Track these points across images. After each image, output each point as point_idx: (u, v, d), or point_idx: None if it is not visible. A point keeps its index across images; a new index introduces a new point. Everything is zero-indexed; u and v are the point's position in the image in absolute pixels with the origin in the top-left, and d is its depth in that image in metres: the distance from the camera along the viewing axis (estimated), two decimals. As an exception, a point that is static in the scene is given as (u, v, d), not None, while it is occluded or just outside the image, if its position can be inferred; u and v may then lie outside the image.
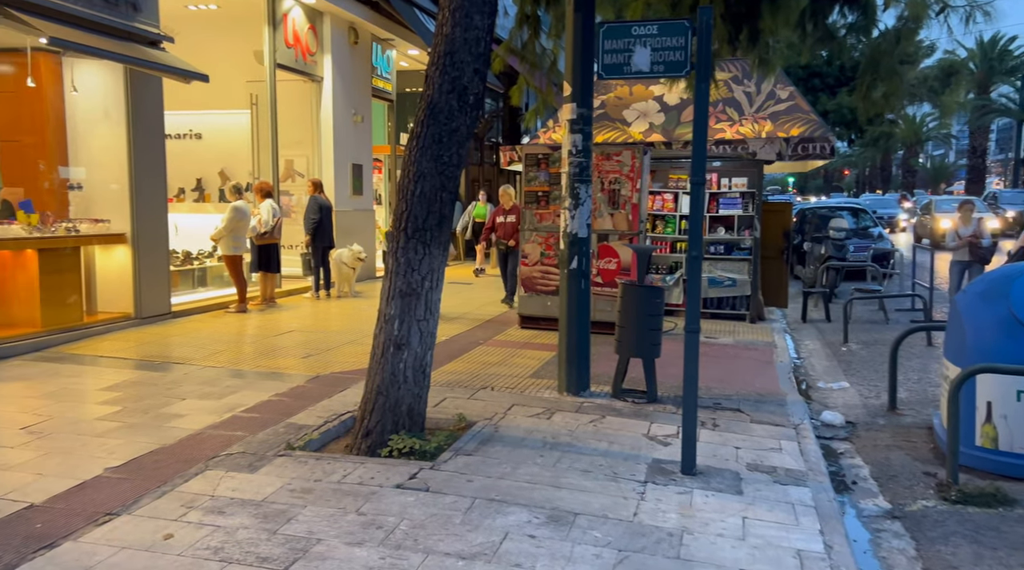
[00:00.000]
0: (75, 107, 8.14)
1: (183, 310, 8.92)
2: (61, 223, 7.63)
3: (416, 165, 4.66)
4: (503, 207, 10.50)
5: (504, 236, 10.34)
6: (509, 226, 10.27)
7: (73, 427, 4.90)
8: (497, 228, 10.50)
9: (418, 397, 4.77)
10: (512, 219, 10.21)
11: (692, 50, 4.29)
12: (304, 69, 11.49)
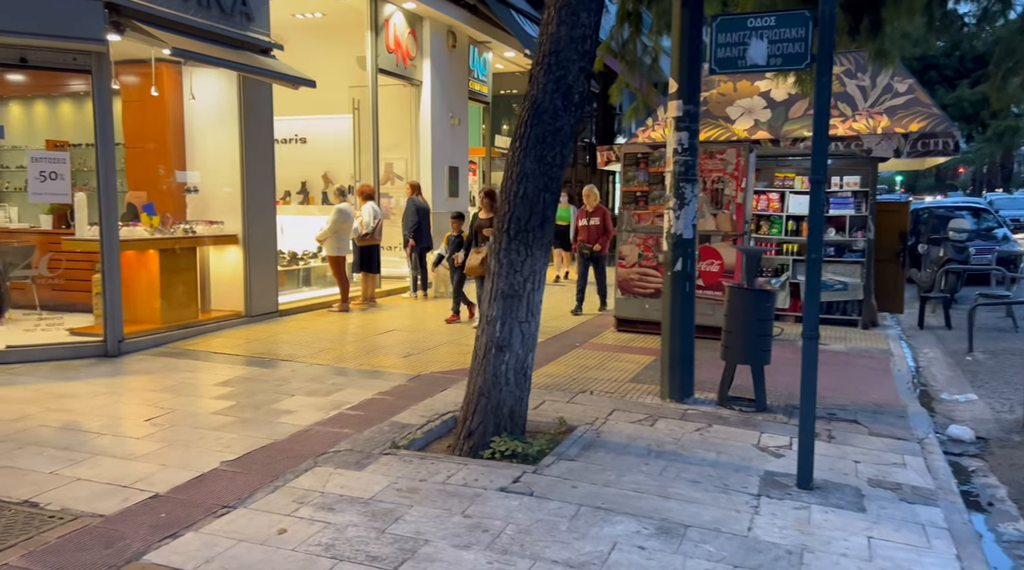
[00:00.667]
0: (193, 114, 8.57)
1: (289, 309, 9.24)
2: (179, 225, 8.04)
3: (519, 165, 4.62)
4: (586, 209, 9.76)
5: (587, 240, 9.62)
6: (593, 230, 9.61)
7: (191, 420, 5.12)
8: (579, 231, 9.80)
9: (520, 399, 4.73)
10: (596, 222, 9.60)
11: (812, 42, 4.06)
12: (404, 73, 11.72)
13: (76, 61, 6.55)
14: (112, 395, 5.72)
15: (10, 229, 8.90)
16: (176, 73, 8.45)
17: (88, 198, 7.47)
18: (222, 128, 8.46)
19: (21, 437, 4.72)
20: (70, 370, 6.41)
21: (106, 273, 6.87)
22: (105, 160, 6.78)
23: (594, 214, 9.66)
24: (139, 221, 7.78)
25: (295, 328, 8.47)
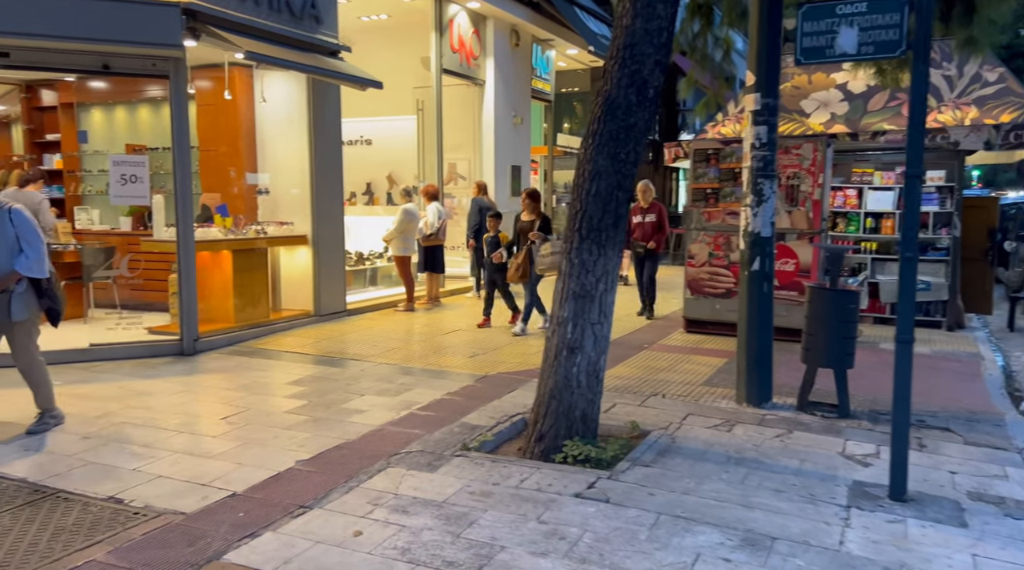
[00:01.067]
0: (263, 117, 8.73)
1: (356, 308, 9.33)
2: (251, 226, 8.20)
3: (591, 163, 4.51)
4: (640, 205, 9.24)
5: (642, 238, 9.18)
6: (648, 227, 9.18)
7: (265, 419, 5.18)
8: (634, 229, 9.26)
9: (591, 403, 4.62)
10: (652, 219, 9.18)
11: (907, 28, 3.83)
12: (467, 73, 11.71)
13: (155, 66, 6.73)
14: (189, 393, 5.85)
15: (93, 231, 9.24)
16: (248, 77, 8.62)
17: (165, 200, 7.67)
18: (292, 130, 8.59)
19: (105, 434, 4.85)
20: (149, 368, 6.59)
21: (182, 274, 7.04)
22: (181, 163, 6.95)
23: (649, 210, 9.25)
24: (213, 222, 7.96)
25: (362, 327, 8.54)
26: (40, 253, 4.76)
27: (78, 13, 6.19)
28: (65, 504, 3.78)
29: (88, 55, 6.51)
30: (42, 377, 5.01)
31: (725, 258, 8.15)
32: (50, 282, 4.92)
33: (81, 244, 8.29)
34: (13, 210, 4.70)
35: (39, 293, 4.87)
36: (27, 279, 4.78)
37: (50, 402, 5.03)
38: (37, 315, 4.97)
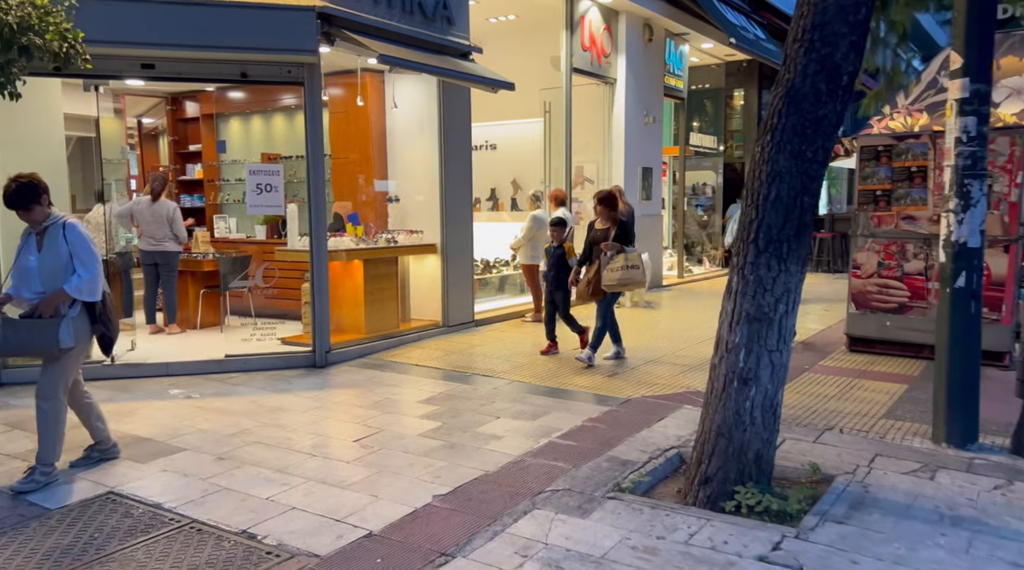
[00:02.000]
0: (394, 123, 8.56)
1: (483, 319, 9.00)
2: (382, 234, 8.03)
3: (770, 164, 3.88)
4: None
5: None
6: None
7: (399, 442, 4.87)
8: None
9: (767, 443, 3.99)
10: None
11: None
12: (598, 72, 11.19)
13: (290, 74, 6.63)
14: (321, 410, 5.64)
15: (229, 239, 9.41)
16: (379, 82, 8.48)
17: (298, 209, 7.61)
18: (421, 136, 8.37)
19: (239, 454, 4.67)
20: (282, 381, 6.48)
21: (315, 284, 6.91)
22: (315, 171, 6.82)
23: None
24: (345, 231, 7.84)
25: (491, 339, 8.18)
26: (94, 273, 4.22)
27: (217, 23, 6.16)
28: (199, 537, 3.56)
29: (227, 64, 6.48)
30: (55, 419, 4.24)
31: (898, 269, 7.20)
32: (104, 305, 4.35)
33: (219, 253, 8.40)
34: (67, 225, 4.24)
35: (92, 318, 4.30)
36: (81, 303, 4.24)
37: (51, 454, 4.23)
38: (86, 346, 4.38)
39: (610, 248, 6.81)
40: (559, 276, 7.43)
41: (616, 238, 6.89)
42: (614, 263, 6.74)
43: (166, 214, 7.87)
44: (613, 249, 6.80)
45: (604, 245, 6.87)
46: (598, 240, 6.97)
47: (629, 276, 6.73)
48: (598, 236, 7.00)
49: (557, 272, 7.44)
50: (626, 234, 6.97)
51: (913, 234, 7.12)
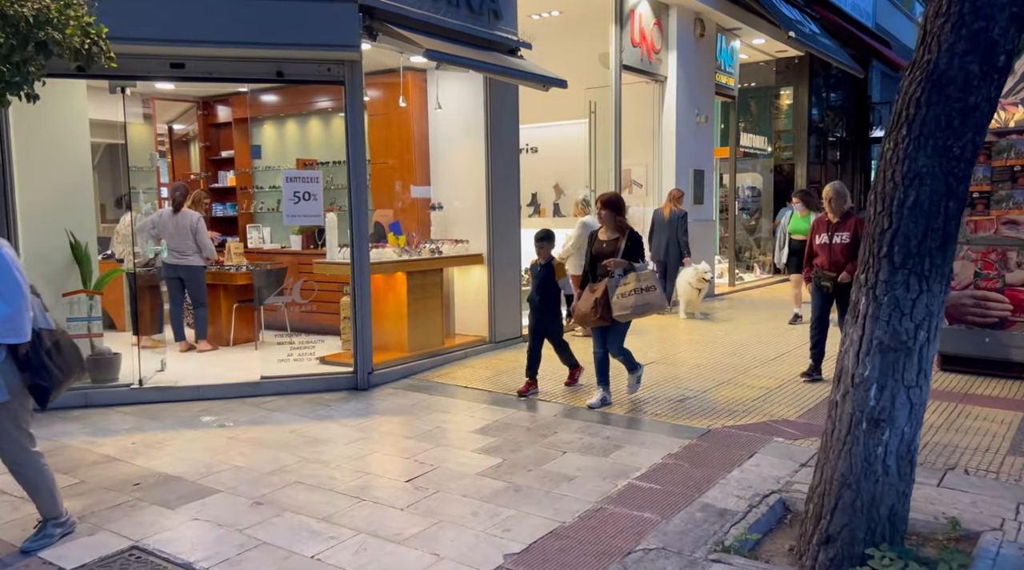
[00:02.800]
0: (437, 125, 8.03)
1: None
2: (425, 244, 7.49)
3: (907, 162, 3.24)
4: (827, 219, 6.40)
5: (830, 265, 6.29)
6: (838, 250, 6.25)
7: (456, 483, 4.29)
8: (816, 252, 6.44)
9: (903, 496, 3.34)
10: (845, 239, 6.22)
11: None
12: (648, 69, 10.56)
13: (330, 72, 6.12)
14: (366, 442, 5.09)
15: (264, 250, 8.94)
16: (421, 82, 7.95)
17: (338, 218, 7.10)
18: (467, 139, 7.83)
19: (279, 498, 4.14)
20: (321, 406, 5.95)
21: (357, 301, 6.38)
22: (357, 178, 6.30)
23: (841, 227, 6.28)
24: (386, 241, 7.32)
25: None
26: (18, 308, 3.30)
27: (252, 17, 5.67)
28: (234, 610, 3.02)
29: (261, 62, 5.99)
30: (38, 476, 3.58)
31: (998, 279, 6.48)
32: (37, 348, 3.41)
33: (253, 265, 7.92)
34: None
35: (20, 364, 3.40)
36: (5, 346, 3.36)
37: (54, 508, 3.63)
38: (20, 396, 3.46)
39: (616, 266, 5.56)
40: (545, 300, 6.23)
41: (627, 252, 5.63)
42: (624, 285, 5.50)
43: (189, 225, 7.40)
44: (620, 267, 5.57)
45: (609, 262, 5.59)
46: (604, 254, 5.70)
47: (645, 301, 5.49)
48: (604, 249, 5.72)
49: (543, 295, 6.22)
50: (638, 248, 5.70)
51: (1016, 241, 6.40)
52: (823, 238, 6.38)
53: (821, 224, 6.45)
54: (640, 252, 5.72)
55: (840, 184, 6.47)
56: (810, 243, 6.53)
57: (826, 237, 6.34)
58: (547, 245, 6.30)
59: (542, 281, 6.23)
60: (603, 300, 5.60)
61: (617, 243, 5.68)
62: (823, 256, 6.35)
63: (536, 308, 6.30)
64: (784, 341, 8.28)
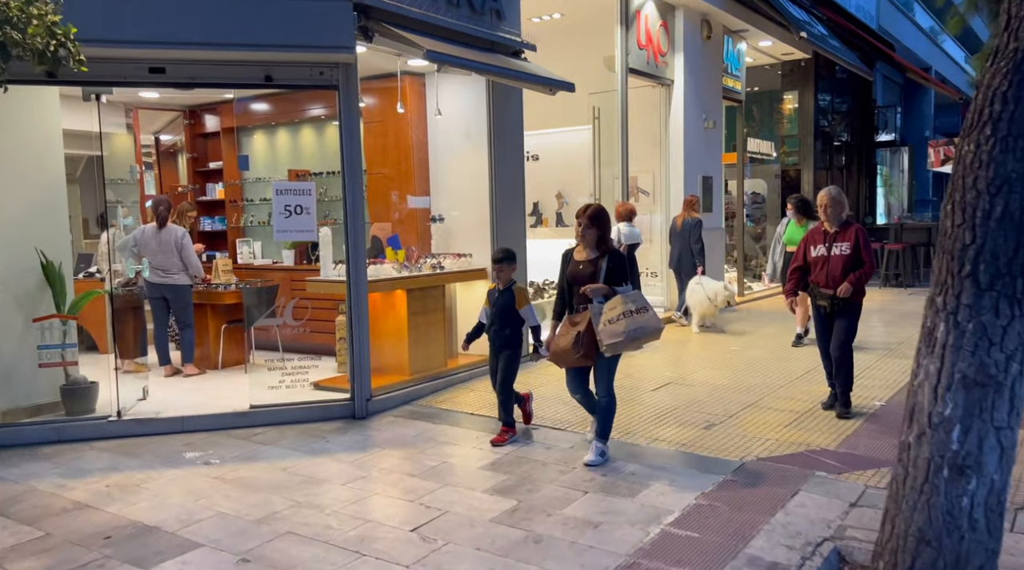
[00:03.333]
0: (436, 132, 7.59)
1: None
2: (426, 259, 7.03)
3: (991, 167, 2.81)
4: (825, 228, 5.65)
5: (828, 282, 5.52)
6: (837, 262, 5.48)
7: (468, 533, 3.82)
8: (812, 265, 5.67)
9: (992, 554, 2.89)
10: (845, 250, 5.48)
11: None
12: (655, 72, 10.15)
13: (323, 76, 5.67)
14: (366, 481, 4.61)
15: (254, 265, 8.48)
16: (419, 86, 7.51)
17: (333, 233, 6.64)
18: (468, 146, 7.38)
19: (268, 553, 3.65)
20: (316, 438, 5.47)
21: (354, 322, 5.91)
22: (352, 190, 5.85)
23: (841, 237, 5.55)
24: (384, 257, 6.85)
25: (551, 378, 7.12)
26: None
27: (237, 16, 5.22)
28: None
29: (248, 66, 5.54)
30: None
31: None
32: None
33: (243, 283, 7.44)
34: None
35: None
36: None
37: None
38: None
39: (595, 292, 4.57)
40: (504, 330, 5.27)
41: (608, 275, 4.60)
42: (610, 310, 4.52)
43: (174, 241, 6.92)
44: (600, 293, 4.58)
45: (586, 288, 4.59)
46: (581, 278, 4.67)
47: (638, 325, 4.47)
48: (581, 273, 4.68)
49: (501, 326, 5.28)
50: (620, 269, 4.64)
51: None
52: (819, 250, 5.60)
53: (817, 234, 5.69)
54: (624, 274, 4.63)
55: (837, 190, 5.72)
56: (800, 255, 5.76)
57: (823, 249, 5.57)
58: (507, 268, 5.27)
59: (501, 310, 5.25)
60: (587, 334, 4.56)
61: (597, 264, 4.64)
62: (819, 271, 5.57)
63: (501, 343, 5.25)
64: (806, 357, 7.83)
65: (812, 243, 5.70)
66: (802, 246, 5.81)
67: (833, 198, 5.63)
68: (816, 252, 5.65)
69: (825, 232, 5.66)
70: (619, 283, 4.60)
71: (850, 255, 5.49)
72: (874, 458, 4.76)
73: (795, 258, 5.85)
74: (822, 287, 5.57)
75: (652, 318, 4.56)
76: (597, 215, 4.71)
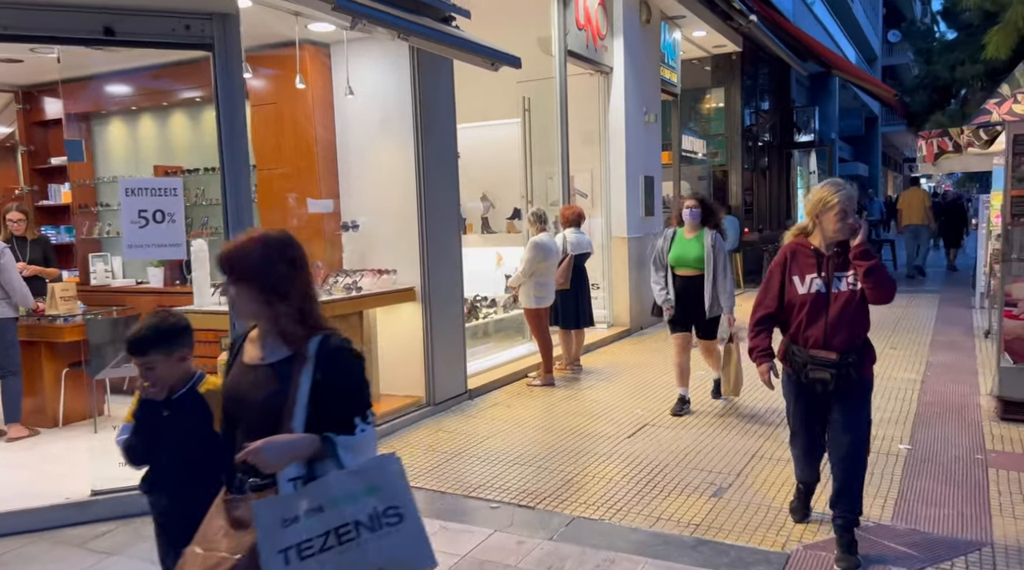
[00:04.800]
0: (348, 117, 6.06)
1: (477, 386, 6.55)
2: (337, 278, 5.51)
3: None
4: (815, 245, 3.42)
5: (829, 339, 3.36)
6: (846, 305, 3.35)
7: None
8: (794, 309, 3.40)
9: None
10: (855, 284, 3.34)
11: None
12: (594, 57, 8.96)
13: (189, 31, 4.09)
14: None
15: (112, 288, 6.68)
16: (324, 59, 5.98)
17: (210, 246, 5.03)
18: (387, 135, 5.91)
19: None
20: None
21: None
22: (235, 189, 4.28)
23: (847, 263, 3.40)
24: (281, 276, 5.27)
25: (501, 423, 5.74)
26: None
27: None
28: None
29: (80, 13, 3.90)
30: None
31: (1077, 306, 5.15)
32: None
33: (91, 313, 5.67)
34: None
35: None
36: None
37: None
38: None
39: (267, 458, 1.88)
40: (183, 484, 2.39)
41: (317, 408, 1.95)
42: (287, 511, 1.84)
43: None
44: (283, 462, 1.91)
45: (248, 452, 1.85)
46: (247, 407, 2.05)
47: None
48: (246, 395, 2.04)
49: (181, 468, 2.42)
50: (347, 391, 2.00)
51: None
52: (811, 284, 3.36)
53: (802, 255, 3.42)
54: (354, 400, 2.00)
55: (846, 184, 3.40)
56: (772, 293, 3.48)
57: (818, 282, 3.35)
58: (163, 360, 2.43)
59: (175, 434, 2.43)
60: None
61: (283, 373, 1.99)
62: (809, 321, 3.35)
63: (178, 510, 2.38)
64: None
65: (794, 270, 3.42)
66: (774, 277, 3.48)
67: (849, 197, 3.30)
68: (804, 287, 3.37)
69: (817, 252, 3.39)
70: (342, 424, 1.96)
71: (860, 290, 3.33)
72: (950, 538, 3.63)
73: (761, 296, 3.53)
74: (817, 348, 3.33)
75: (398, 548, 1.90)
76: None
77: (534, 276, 6.79)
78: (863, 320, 3.37)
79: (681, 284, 5.72)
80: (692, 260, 5.68)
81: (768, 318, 3.49)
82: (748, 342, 3.54)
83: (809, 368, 3.33)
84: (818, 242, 3.40)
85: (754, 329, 3.52)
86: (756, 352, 3.51)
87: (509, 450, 5.05)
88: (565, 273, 7.02)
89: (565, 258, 7.14)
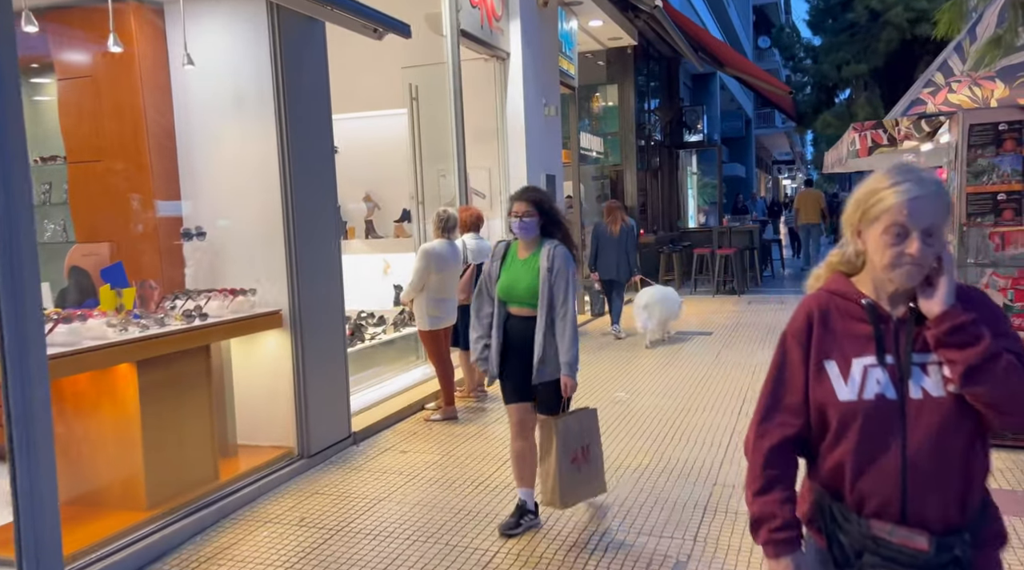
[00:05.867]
0: (188, 97, 4.76)
1: (362, 427, 5.40)
2: (175, 300, 4.22)
3: None
4: (880, 307, 1.57)
5: (912, 500, 1.50)
6: (943, 429, 1.48)
7: None
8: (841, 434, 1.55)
9: None
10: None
11: None
12: (489, 40, 7.99)
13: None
14: None
15: None
16: (155, 21, 4.66)
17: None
18: (240, 121, 4.66)
19: None
20: None
21: (20, 436, 3.00)
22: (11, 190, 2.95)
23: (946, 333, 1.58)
24: (96, 303, 3.97)
25: (388, 477, 4.64)
26: None
27: None
28: None
29: None
30: None
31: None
32: None
33: None
34: None
35: None
36: None
37: None
38: None
39: None
40: None
41: None
42: None
43: None
44: None
45: None
46: None
47: None
48: None
49: None
50: None
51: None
52: (864, 380, 1.53)
53: (841, 317, 1.60)
54: None
55: (922, 171, 1.54)
56: (788, 388, 1.62)
57: (880, 373, 1.53)
58: None
59: None
60: None
61: None
62: (863, 454, 1.52)
63: None
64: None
65: (830, 352, 1.59)
66: (792, 361, 1.63)
67: (917, 193, 1.47)
68: (851, 387, 1.54)
69: (873, 310, 1.57)
70: None
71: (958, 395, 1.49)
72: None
73: (767, 399, 1.65)
74: (887, 520, 1.51)
75: None
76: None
77: (427, 291, 5.72)
78: (978, 458, 1.51)
79: (515, 327, 3.70)
80: (523, 292, 3.63)
81: (787, 447, 1.63)
82: (748, 504, 1.65)
83: (870, 564, 1.51)
84: (871, 290, 1.61)
85: (759, 471, 1.63)
86: (767, 527, 1.61)
87: (405, 519, 3.96)
88: (467, 286, 5.99)
89: (467, 269, 6.12)
